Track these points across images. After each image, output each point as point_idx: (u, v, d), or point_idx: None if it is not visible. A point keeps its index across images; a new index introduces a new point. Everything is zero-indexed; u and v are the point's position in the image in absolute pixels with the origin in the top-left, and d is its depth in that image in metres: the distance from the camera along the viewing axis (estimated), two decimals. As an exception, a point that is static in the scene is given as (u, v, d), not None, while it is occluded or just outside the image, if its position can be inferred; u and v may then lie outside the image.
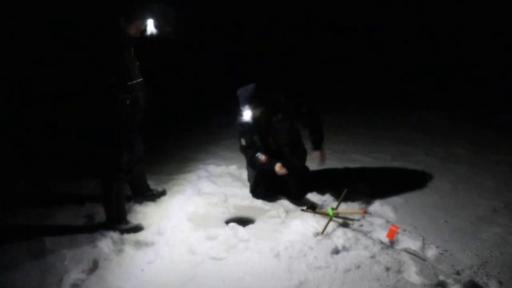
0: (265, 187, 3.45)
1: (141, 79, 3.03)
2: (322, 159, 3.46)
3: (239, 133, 3.43)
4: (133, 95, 2.89)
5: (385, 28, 10.30)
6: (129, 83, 2.87)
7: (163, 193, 3.62)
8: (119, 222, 3.01)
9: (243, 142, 3.42)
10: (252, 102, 3.13)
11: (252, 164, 3.45)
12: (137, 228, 3.03)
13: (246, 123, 3.28)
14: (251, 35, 10.31)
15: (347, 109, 6.97)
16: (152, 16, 2.85)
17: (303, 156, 3.58)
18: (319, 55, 10.19)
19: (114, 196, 2.97)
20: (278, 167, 3.25)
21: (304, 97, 3.42)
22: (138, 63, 3.01)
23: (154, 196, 3.54)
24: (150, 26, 2.88)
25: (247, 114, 3.15)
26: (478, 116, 6.14)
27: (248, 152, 3.42)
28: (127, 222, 3.06)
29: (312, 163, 4.10)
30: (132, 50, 2.94)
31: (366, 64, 9.64)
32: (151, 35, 2.90)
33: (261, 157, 3.32)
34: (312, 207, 3.12)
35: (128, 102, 2.85)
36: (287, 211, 3.25)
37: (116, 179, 2.96)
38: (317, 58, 10.08)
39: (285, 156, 3.40)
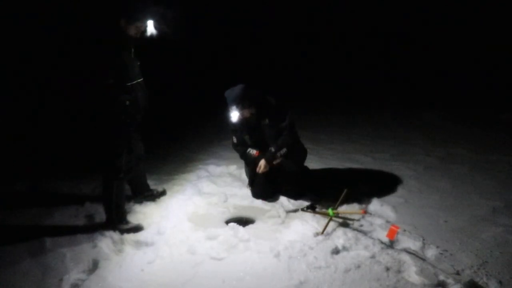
0: (265, 184, 3.44)
1: (141, 79, 3.03)
2: (261, 168, 3.32)
3: (231, 131, 3.48)
4: (132, 96, 2.89)
5: (385, 28, 10.30)
6: (128, 84, 2.87)
7: (163, 193, 3.62)
8: (119, 222, 3.00)
9: (234, 139, 3.50)
10: (239, 103, 3.12)
11: (244, 159, 3.53)
12: (137, 228, 3.02)
13: (236, 123, 3.29)
14: (252, 34, 10.31)
15: (347, 109, 6.97)
16: (152, 18, 2.84)
17: (302, 156, 3.56)
18: (319, 55, 10.20)
19: (114, 196, 2.97)
20: (263, 164, 3.29)
21: (290, 111, 3.35)
22: (138, 63, 3.01)
23: (154, 196, 3.54)
24: (150, 27, 2.87)
25: (234, 115, 3.15)
26: (478, 116, 6.15)
27: (239, 149, 3.50)
28: (127, 222, 3.06)
29: (312, 163, 4.12)
30: (133, 50, 2.94)
31: (366, 64, 9.64)
32: (151, 36, 2.90)
33: (253, 152, 3.40)
34: (312, 207, 3.12)
35: (127, 102, 2.85)
36: (287, 211, 3.25)
37: (116, 179, 2.96)
38: (317, 58, 10.09)
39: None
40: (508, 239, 2.73)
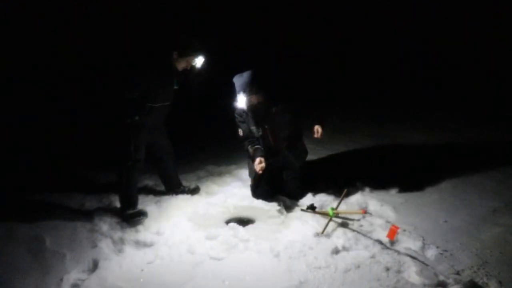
0: (266, 184, 3.43)
1: (168, 103, 3.17)
2: (320, 133, 3.34)
3: (237, 123, 3.40)
4: (144, 114, 3.01)
5: (385, 28, 10.29)
6: (149, 105, 3.01)
7: (195, 190, 3.64)
8: (127, 208, 3.11)
9: (240, 132, 3.40)
10: (247, 88, 3.08)
11: (248, 155, 3.47)
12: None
13: (243, 111, 3.26)
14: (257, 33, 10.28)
15: (347, 109, 6.97)
16: (204, 55, 3.00)
17: (302, 156, 3.56)
18: (319, 55, 10.19)
19: (124, 184, 3.11)
20: (257, 162, 3.25)
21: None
22: (176, 87, 3.15)
23: (185, 192, 3.57)
24: (199, 63, 3.04)
25: (241, 101, 3.11)
26: (478, 116, 6.15)
27: (245, 144, 3.41)
28: (134, 208, 3.15)
29: (312, 163, 4.12)
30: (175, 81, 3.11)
31: (366, 64, 9.64)
32: (199, 71, 3.07)
33: (250, 149, 3.33)
34: (312, 207, 3.12)
35: (136, 117, 2.98)
36: (287, 211, 3.25)
37: (126, 167, 3.08)
38: (317, 58, 10.08)
39: (282, 152, 3.38)
40: (508, 239, 2.73)
